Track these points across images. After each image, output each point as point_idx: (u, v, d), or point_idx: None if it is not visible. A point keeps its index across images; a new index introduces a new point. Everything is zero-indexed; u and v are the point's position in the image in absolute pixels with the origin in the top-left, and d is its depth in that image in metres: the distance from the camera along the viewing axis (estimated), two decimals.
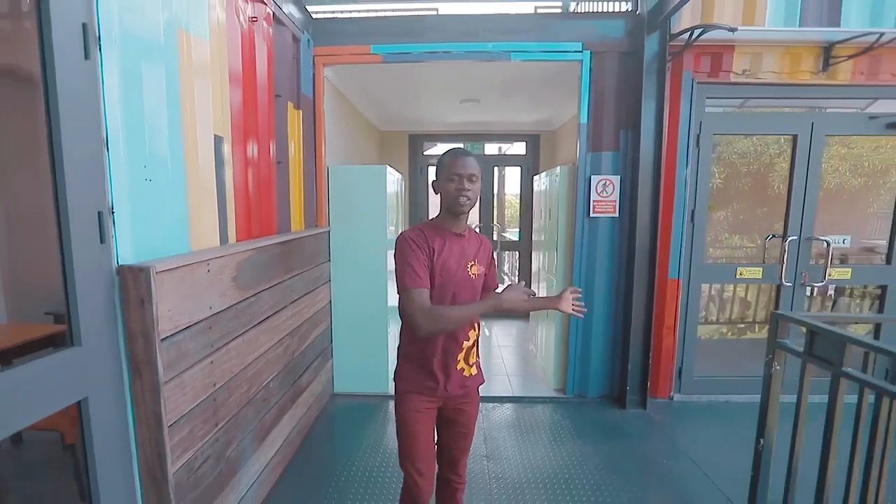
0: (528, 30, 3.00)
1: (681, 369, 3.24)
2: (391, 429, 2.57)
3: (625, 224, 3.10)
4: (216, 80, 1.83)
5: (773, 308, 3.31)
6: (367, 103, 4.39)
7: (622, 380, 3.13)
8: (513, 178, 6.54)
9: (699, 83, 2.97)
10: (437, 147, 6.06)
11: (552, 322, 3.44)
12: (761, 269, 3.19)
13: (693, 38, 2.69)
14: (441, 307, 1.38)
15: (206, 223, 1.77)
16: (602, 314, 3.18)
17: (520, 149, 5.86)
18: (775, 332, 1.68)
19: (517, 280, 6.16)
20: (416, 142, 5.77)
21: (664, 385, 3.23)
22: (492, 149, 6.71)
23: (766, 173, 3.42)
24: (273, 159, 2.42)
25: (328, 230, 3.17)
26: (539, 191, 4.26)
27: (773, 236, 3.26)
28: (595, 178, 3.07)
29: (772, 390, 1.71)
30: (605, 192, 3.07)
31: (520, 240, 5.98)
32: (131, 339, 1.32)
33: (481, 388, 1.63)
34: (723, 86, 2.99)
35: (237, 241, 2.03)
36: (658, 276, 3.02)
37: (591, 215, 3.10)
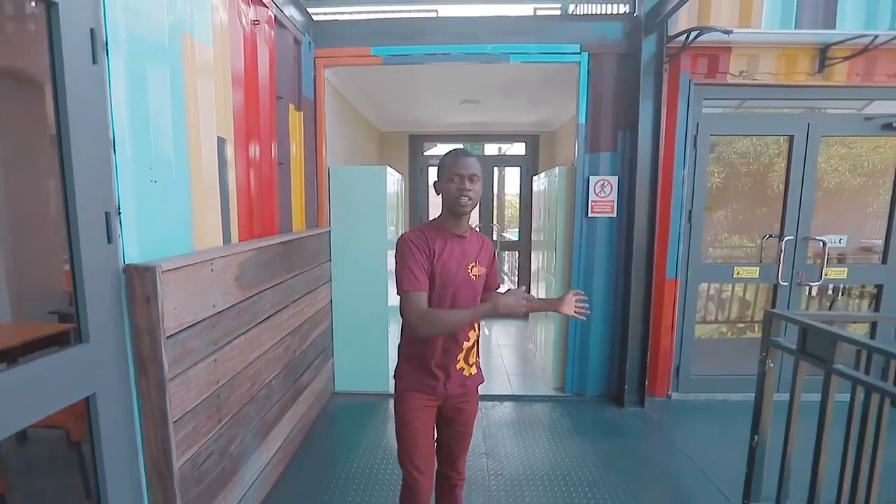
0: (527, 32, 3.03)
1: (678, 368, 3.27)
2: (391, 427, 2.59)
3: (623, 224, 3.13)
4: (219, 83, 1.86)
5: (770, 307, 3.33)
6: (367, 104, 4.42)
7: (620, 378, 3.16)
8: (512, 179, 6.58)
9: (696, 84, 3.00)
10: (437, 147, 6.09)
11: (551, 322, 3.47)
12: (758, 268, 3.22)
13: (690, 39, 2.71)
14: (437, 311, 1.39)
15: (209, 223, 1.80)
16: (600, 314, 3.21)
17: (519, 149, 5.89)
18: (769, 330, 1.71)
19: (517, 280, 6.21)
20: (416, 142, 5.80)
21: (662, 384, 3.25)
22: (491, 149, 6.75)
23: (765, 173, 3.43)
24: (275, 160, 2.45)
25: (329, 230, 3.20)
26: (538, 191, 4.29)
27: (769, 236, 3.29)
28: (593, 179, 3.10)
29: (766, 388, 1.73)
30: (603, 192, 3.10)
31: (519, 240, 6.01)
32: (137, 337, 1.35)
33: (481, 386, 1.65)
34: (720, 87, 3.02)
35: (240, 241, 2.07)
36: (656, 276, 3.04)
37: (590, 215, 3.13)
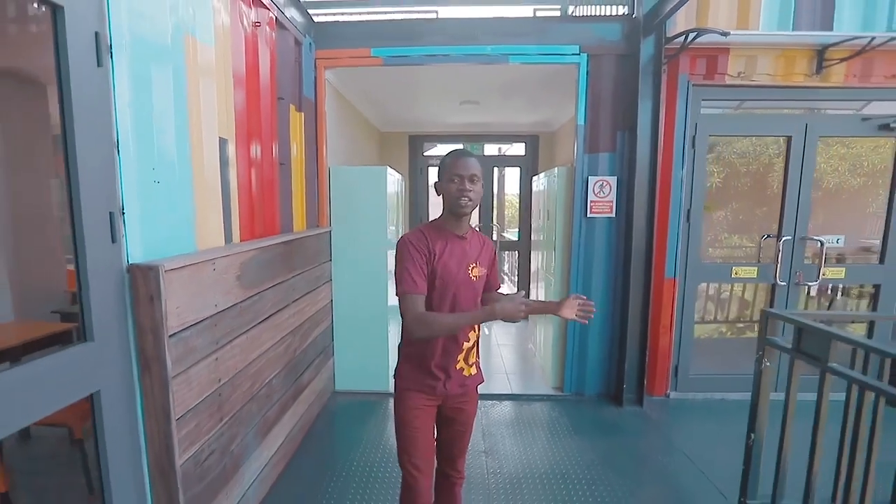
0: (526, 33, 3.05)
1: (677, 367, 3.28)
2: (391, 425, 2.60)
3: (621, 224, 3.15)
4: (221, 84, 1.88)
5: (769, 307, 3.34)
6: (367, 105, 4.44)
7: (619, 378, 3.18)
8: (512, 179, 6.60)
9: (695, 85, 3.02)
10: (437, 148, 6.11)
11: (551, 322, 3.48)
12: (756, 268, 3.24)
13: (688, 41, 2.73)
14: (433, 315, 1.39)
15: (211, 223, 1.82)
16: (599, 313, 3.22)
17: (519, 149, 5.91)
18: (765, 329, 1.73)
19: (517, 280, 6.22)
20: (416, 142, 5.82)
21: (661, 383, 3.27)
22: (491, 149, 6.77)
23: (765, 173, 3.44)
24: (276, 160, 2.47)
25: (329, 230, 3.22)
26: (537, 191, 4.31)
27: (767, 236, 3.30)
28: (592, 179, 3.11)
29: (762, 386, 1.75)
30: (602, 192, 3.12)
31: (519, 240, 6.03)
32: (141, 335, 1.37)
33: (480, 386, 1.65)
34: (718, 88, 3.04)
35: (241, 241, 2.08)
36: (654, 276, 3.06)
37: (589, 216, 3.15)
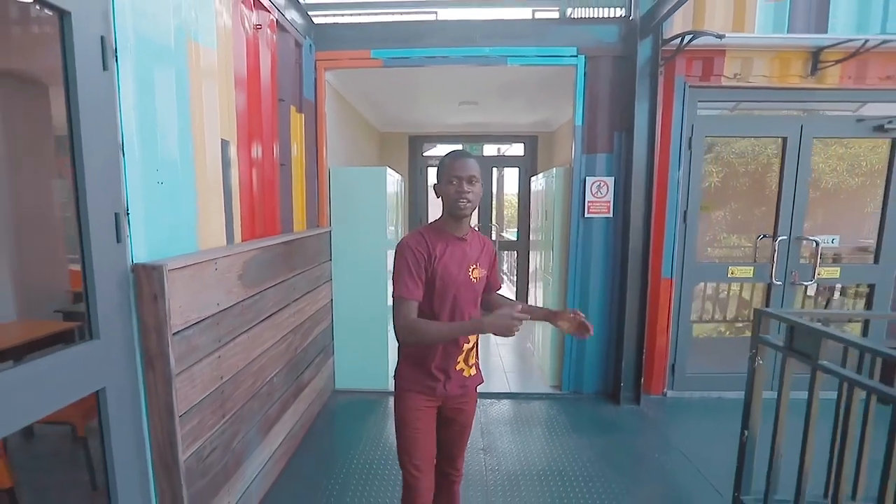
0: (525, 35, 3.08)
1: (674, 366, 3.31)
2: (391, 423, 2.64)
3: (618, 224, 3.18)
4: (223, 86, 1.90)
5: (765, 306, 3.38)
6: (367, 106, 4.47)
7: (616, 376, 3.21)
8: (512, 179, 6.63)
9: (691, 87, 3.05)
10: (436, 148, 6.14)
11: None
12: (752, 268, 3.27)
13: (684, 43, 2.76)
14: (422, 323, 1.39)
15: (213, 223, 1.84)
16: (597, 313, 3.25)
17: (518, 150, 5.94)
18: (758, 327, 1.76)
19: (516, 280, 6.24)
20: (416, 143, 5.85)
21: (658, 382, 3.30)
22: (491, 150, 6.79)
23: (763, 173, 3.46)
24: (276, 161, 2.50)
25: (329, 230, 3.25)
26: (536, 191, 4.33)
27: (764, 236, 3.33)
28: (590, 180, 3.14)
29: (755, 384, 1.78)
30: (600, 192, 3.15)
31: (518, 240, 6.06)
32: (145, 333, 1.40)
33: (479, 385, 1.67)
34: (714, 89, 3.07)
35: (243, 241, 2.11)
36: (651, 276, 3.09)
37: (586, 216, 3.18)
